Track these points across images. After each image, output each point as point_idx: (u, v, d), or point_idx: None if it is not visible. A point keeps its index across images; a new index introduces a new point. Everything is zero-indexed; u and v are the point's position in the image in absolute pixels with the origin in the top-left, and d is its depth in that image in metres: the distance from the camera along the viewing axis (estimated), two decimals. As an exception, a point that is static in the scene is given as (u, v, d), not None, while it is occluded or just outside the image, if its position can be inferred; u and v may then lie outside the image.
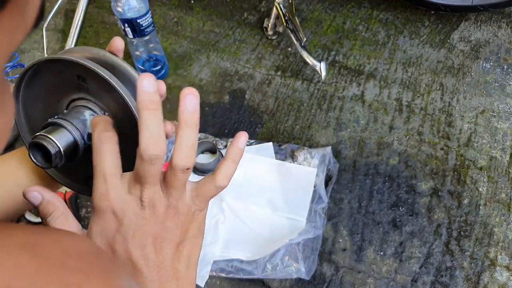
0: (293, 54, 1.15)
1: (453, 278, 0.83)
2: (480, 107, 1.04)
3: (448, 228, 0.88)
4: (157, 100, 0.34)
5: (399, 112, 1.04)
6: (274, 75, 1.12)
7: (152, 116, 0.33)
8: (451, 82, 1.09)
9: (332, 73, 1.12)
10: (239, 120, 1.05)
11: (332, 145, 0.99)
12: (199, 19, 1.24)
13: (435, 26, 1.19)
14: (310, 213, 0.88)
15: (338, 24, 1.21)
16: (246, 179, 0.91)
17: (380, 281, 0.83)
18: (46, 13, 1.20)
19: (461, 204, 0.91)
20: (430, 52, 1.14)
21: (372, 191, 0.93)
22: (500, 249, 0.86)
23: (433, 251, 0.86)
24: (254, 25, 1.22)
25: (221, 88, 1.10)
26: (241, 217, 0.89)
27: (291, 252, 0.82)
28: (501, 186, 0.93)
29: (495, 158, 0.96)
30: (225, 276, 0.83)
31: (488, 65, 1.11)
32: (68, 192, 0.92)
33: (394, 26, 1.20)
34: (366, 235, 0.88)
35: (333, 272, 0.85)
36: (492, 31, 1.17)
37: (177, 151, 0.35)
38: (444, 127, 1.01)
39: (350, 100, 1.07)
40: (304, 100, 1.07)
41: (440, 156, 0.97)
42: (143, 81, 0.33)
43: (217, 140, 0.98)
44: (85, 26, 1.22)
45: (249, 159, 0.93)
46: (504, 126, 1.01)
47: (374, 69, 1.12)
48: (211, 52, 1.17)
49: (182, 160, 0.35)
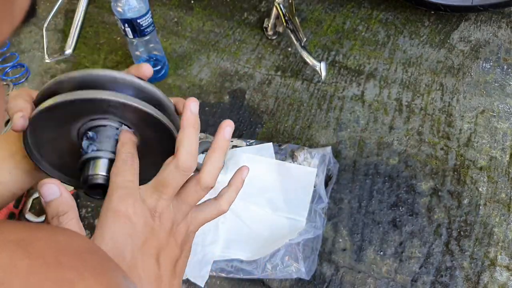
0: (293, 54, 1.15)
1: (453, 278, 0.83)
2: (480, 107, 1.04)
3: (448, 228, 0.88)
4: (198, 121, 0.39)
5: (399, 112, 1.04)
6: (274, 75, 1.12)
7: (194, 133, 0.39)
8: (451, 82, 1.09)
9: (332, 73, 1.12)
10: (239, 120, 1.05)
11: (332, 145, 0.99)
12: (199, 19, 1.24)
13: (435, 26, 1.19)
14: (310, 213, 0.88)
15: (338, 24, 1.21)
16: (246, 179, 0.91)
17: (380, 281, 0.83)
18: (46, 13, 1.20)
19: (461, 204, 0.91)
20: (430, 52, 1.14)
21: (372, 191, 0.93)
22: (500, 249, 0.86)
23: (433, 251, 0.86)
24: (254, 25, 1.22)
25: (221, 88, 1.11)
26: (241, 217, 0.89)
27: (291, 252, 0.82)
28: (501, 186, 0.93)
29: (495, 158, 0.96)
30: (225, 276, 0.83)
31: (488, 65, 1.11)
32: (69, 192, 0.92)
33: (394, 26, 1.20)
34: (366, 235, 0.88)
35: (333, 272, 0.85)
36: (492, 31, 1.17)
37: (207, 170, 0.39)
38: (444, 127, 1.02)
39: (350, 100, 1.07)
40: (304, 100, 1.07)
41: (440, 156, 0.97)
42: (191, 104, 0.39)
43: (217, 140, 0.98)
44: (85, 26, 1.22)
45: (249, 159, 0.93)
46: (504, 126, 1.01)
47: (374, 69, 1.12)
48: (211, 52, 1.17)
49: (209, 179, 0.39)
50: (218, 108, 1.07)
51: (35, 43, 1.22)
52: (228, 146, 0.41)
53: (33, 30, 1.24)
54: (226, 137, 0.40)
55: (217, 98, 1.09)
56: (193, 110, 0.39)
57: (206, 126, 1.04)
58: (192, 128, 0.38)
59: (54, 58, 1.09)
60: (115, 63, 1.16)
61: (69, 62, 1.17)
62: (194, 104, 0.39)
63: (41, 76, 1.15)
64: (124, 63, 1.16)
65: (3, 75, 1.16)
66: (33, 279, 0.22)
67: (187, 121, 0.38)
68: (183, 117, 0.39)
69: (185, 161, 0.37)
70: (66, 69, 1.16)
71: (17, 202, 0.92)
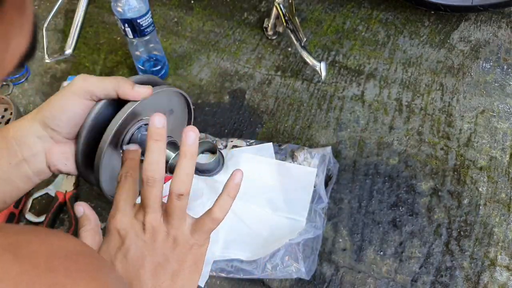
0: (293, 54, 1.15)
1: (453, 278, 0.83)
2: (480, 107, 1.04)
3: (448, 228, 0.88)
4: (164, 133, 0.41)
5: (399, 112, 1.04)
6: (274, 75, 1.12)
7: (155, 145, 0.40)
8: (451, 82, 1.09)
9: (332, 73, 1.12)
10: (239, 120, 1.05)
11: (332, 145, 0.99)
12: (199, 19, 1.24)
13: (435, 26, 1.19)
14: (310, 213, 0.88)
15: (338, 24, 1.21)
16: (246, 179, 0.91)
17: (380, 281, 0.83)
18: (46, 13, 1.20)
19: (461, 204, 0.91)
20: (430, 52, 1.15)
21: (372, 191, 0.93)
22: (500, 249, 0.86)
23: (433, 251, 0.86)
24: (254, 25, 1.22)
25: (221, 88, 1.11)
26: (241, 217, 0.88)
27: (291, 252, 0.82)
28: (501, 186, 0.93)
29: (495, 158, 0.96)
30: (225, 276, 0.83)
31: (488, 65, 1.11)
32: (68, 192, 0.92)
33: (394, 26, 1.20)
34: (366, 235, 0.88)
35: (333, 272, 0.85)
36: (492, 31, 1.17)
37: (175, 177, 0.40)
38: (444, 127, 1.02)
39: (350, 100, 1.07)
40: (304, 100, 1.07)
41: (440, 156, 0.97)
42: (155, 119, 0.40)
43: (217, 140, 0.98)
44: (85, 26, 1.22)
45: (249, 159, 0.93)
46: (504, 126, 1.01)
47: (374, 69, 1.12)
48: (211, 52, 1.17)
49: (178, 185, 0.39)
50: (218, 108, 1.07)
51: (35, 43, 1.21)
52: (196, 151, 0.41)
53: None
54: (189, 142, 0.40)
55: (217, 98, 1.09)
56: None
57: (206, 126, 1.04)
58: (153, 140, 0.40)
59: (54, 58, 1.09)
60: (115, 63, 1.16)
61: (69, 62, 1.17)
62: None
63: (41, 76, 1.15)
64: (124, 63, 1.16)
65: (3, 75, 1.15)
66: (23, 284, 0.22)
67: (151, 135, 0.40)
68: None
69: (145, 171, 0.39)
70: (66, 69, 1.16)
71: (17, 202, 0.92)
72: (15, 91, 1.13)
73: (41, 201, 0.94)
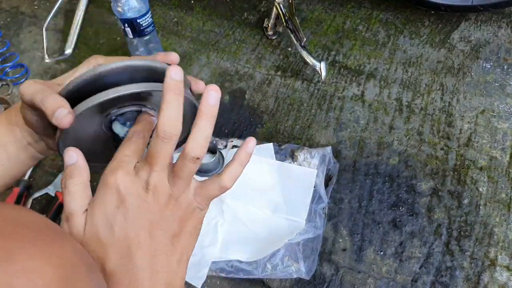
0: (293, 54, 1.15)
1: (453, 278, 0.83)
2: (480, 107, 1.04)
3: (448, 228, 0.88)
4: (182, 87, 0.36)
5: (399, 112, 1.04)
6: (274, 75, 1.12)
7: (175, 98, 0.36)
8: (451, 82, 1.09)
9: (332, 73, 1.12)
10: (239, 120, 1.05)
11: (332, 145, 0.99)
12: (199, 19, 1.24)
13: (435, 26, 1.19)
14: (310, 213, 0.88)
15: (338, 24, 1.21)
16: (246, 179, 0.91)
17: (380, 281, 0.83)
18: (46, 13, 1.20)
19: (461, 204, 0.91)
20: (430, 52, 1.14)
21: (372, 191, 0.93)
22: (500, 249, 0.86)
23: (433, 251, 0.86)
24: (254, 25, 1.22)
25: (221, 88, 1.10)
26: (240, 218, 0.88)
27: (291, 252, 0.82)
28: (501, 186, 0.93)
29: (495, 158, 0.96)
30: (225, 276, 0.83)
31: (488, 65, 1.11)
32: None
33: (394, 26, 1.20)
34: (366, 235, 0.88)
35: (333, 272, 0.85)
36: (492, 31, 1.17)
37: (192, 140, 0.36)
38: (444, 127, 1.01)
39: (350, 100, 1.07)
40: (304, 100, 1.07)
41: (440, 156, 0.97)
42: (171, 71, 0.36)
43: (217, 140, 0.98)
44: (85, 26, 1.22)
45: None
46: (504, 126, 1.01)
47: (374, 69, 1.12)
48: (211, 52, 1.17)
49: (195, 149, 0.36)
50: (218, 108, 1.07)
51: (35, 43, 1.22)
52: (216, 112, 0.38)
53: (33, 30, 1.24)
54: (210, 102, 0.37)
55: (217, 98, 1.09)
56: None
57: (206, 126, 1.04)
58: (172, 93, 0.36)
59: (54, 58, 1.09)
60: (115, 63, 1.16)
61: (69, 62, 1.17)
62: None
63: (41, 76, 1.15)
64: (124, 63, 1.16)
65: (3, 75, 1.15)
66: None
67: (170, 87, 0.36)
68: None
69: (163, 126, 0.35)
70: (66, 69, 1.16)
71: (17, 202, 0.92)
72: (15, 91, 1.13)
73: (41, 201, 0.94)
